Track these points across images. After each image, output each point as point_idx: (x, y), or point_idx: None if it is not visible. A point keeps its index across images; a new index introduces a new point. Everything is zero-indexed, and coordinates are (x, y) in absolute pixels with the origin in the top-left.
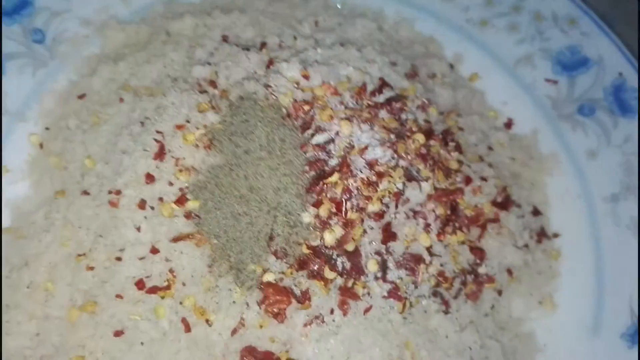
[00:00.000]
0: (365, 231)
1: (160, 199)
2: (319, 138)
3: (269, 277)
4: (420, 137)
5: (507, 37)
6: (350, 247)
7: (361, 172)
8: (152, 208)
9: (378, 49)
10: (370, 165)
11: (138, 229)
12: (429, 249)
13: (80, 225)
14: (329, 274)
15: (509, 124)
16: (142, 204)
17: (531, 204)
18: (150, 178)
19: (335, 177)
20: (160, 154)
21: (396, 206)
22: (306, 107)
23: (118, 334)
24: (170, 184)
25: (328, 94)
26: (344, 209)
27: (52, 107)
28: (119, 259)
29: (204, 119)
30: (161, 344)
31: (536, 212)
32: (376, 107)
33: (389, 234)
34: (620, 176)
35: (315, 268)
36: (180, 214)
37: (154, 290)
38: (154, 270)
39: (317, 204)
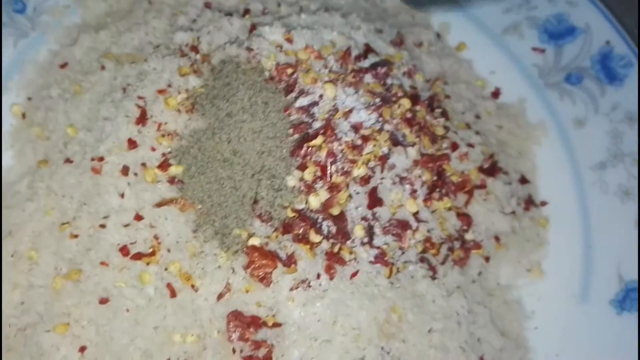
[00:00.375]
0: (350, 196)
1: (143, 165)
2: (303, 101)
3: (254, 241)
4: (406, 102)
5: (494, 6)
6: (335, 211)
7: (346, 135)
8: (135, 174)
9: (363, 16)
10: (355, 128)
11: (122, 195)
12: (415, 215)
13: (64, 193)
14: (314, 237)
15: (496, 93)
16: (125, 170)
17: (519, 172)
18: (132, 144)
19: (319, 140)
20: (142, 119)
21: (382, 171)
22: (289, 70)
23: (103, 301)
24: (153, 149)
25: (312, 58)
26: (328, 173)
27: (34, 77)
28: (103, 226)
29: (186, 83)
30: (147, 311)
31: (523, 181)
32: (361, 71)
33: (375, 199)
34: (607, 144)
35: (301, 232)
36: (163, 179)
37: (138, 256)
38: (138, 236)
39: (302, 167)
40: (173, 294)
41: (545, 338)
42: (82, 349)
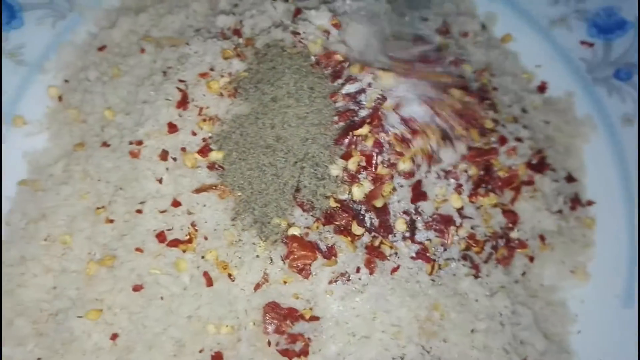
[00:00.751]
0: (394, 189)
1: (183, 150)
2: (350, 87)
3: (294, 231)
4: (456, 93)
5: None
6: (379, 203)
7: (394, 127)
8: (175, 159)
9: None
10: (405, 121)
11: (159, 180)
12: (459, 211)
13: (100, 177)
14: (356, 229)
15: (542, 87)
16: (164, 155)
17: (566, 169)
18: (172, 127)
19: (365, 130)
20: (183, 103)
21: (428, 164)
22: (338, 57)
23: (137, 288)
24: (194, 133)
25: None
26: (374, 163)
27: (72, 60)
28: (139, 211)
29: (229, 67)
30: (181, 299)
31: (570, 179)
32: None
33: (418, 193)
34: None
35: (343, 223)
36: (203, 164)
37: (175, 243)
38: (175, 223)
39: (346, 157)
40: (209, 282)
41: (589, 342)
42: (114, 337)
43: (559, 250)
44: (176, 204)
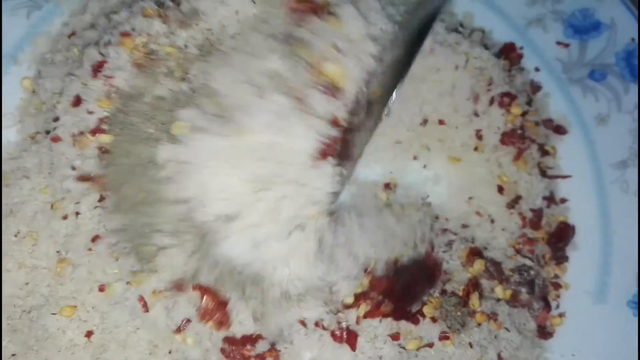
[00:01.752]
0: None
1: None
2: None
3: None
4: None
5: None
6: None
7: None
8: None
9: None
10: None
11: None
12: None
13: (50, 169)
14: None
15: None
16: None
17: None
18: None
19: None
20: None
21: None
22: None
23: (102, 288)
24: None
25: None
26: None
27: (46, 51)
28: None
29: (149, 27)
30: None
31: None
32: None
33: None
34: (629, 143)
35: None
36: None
37: None
38: None
39: None
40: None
41: (562, 337)
42: (89, 334)
43: None
44: None
